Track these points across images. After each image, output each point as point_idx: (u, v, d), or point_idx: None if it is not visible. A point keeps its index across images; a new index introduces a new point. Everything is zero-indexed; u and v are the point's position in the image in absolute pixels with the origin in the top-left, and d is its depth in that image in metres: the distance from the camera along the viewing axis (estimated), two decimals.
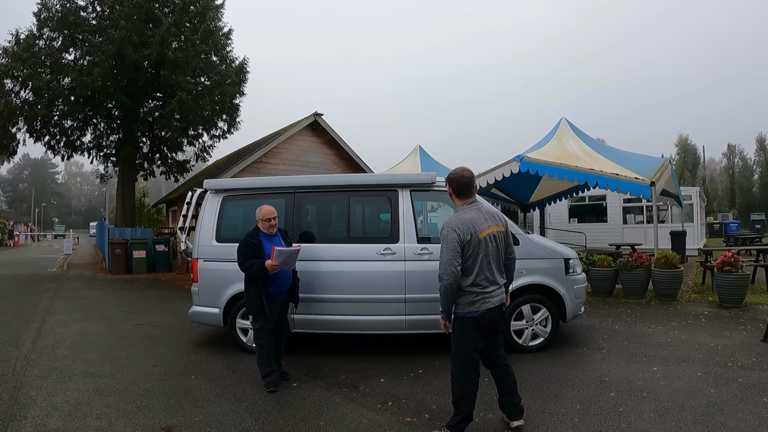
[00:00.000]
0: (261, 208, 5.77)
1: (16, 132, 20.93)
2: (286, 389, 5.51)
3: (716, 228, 34.24)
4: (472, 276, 4.12)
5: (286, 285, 5.78)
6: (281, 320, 5.90)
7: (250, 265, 5.48)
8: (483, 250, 4.14)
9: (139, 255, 19.12)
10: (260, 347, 5.64)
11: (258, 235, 5.68)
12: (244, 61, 22.26)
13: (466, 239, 4.08)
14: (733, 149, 68.52)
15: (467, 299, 4.14)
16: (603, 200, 22.05)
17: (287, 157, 17.92)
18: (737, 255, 9.76)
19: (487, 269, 4.16)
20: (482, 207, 4.32)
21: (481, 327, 4.16)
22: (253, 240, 5.61)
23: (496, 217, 4.34)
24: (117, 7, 18.75)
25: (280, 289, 5.72)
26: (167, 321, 9.48)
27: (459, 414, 4.19)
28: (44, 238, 69.60)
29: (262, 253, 5.54)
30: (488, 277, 4.16)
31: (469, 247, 4.10)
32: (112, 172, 25.29)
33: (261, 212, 5.73)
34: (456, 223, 4.13)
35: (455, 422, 4.19)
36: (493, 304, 4.17)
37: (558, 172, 12.21)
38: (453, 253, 4.05)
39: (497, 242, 4.25)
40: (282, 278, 5.70)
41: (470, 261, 4.11)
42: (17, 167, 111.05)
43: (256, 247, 5.56)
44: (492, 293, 4.17)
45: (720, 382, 5.42)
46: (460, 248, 4.07)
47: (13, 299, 12.42)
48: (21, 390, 5.57)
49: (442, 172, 15.85)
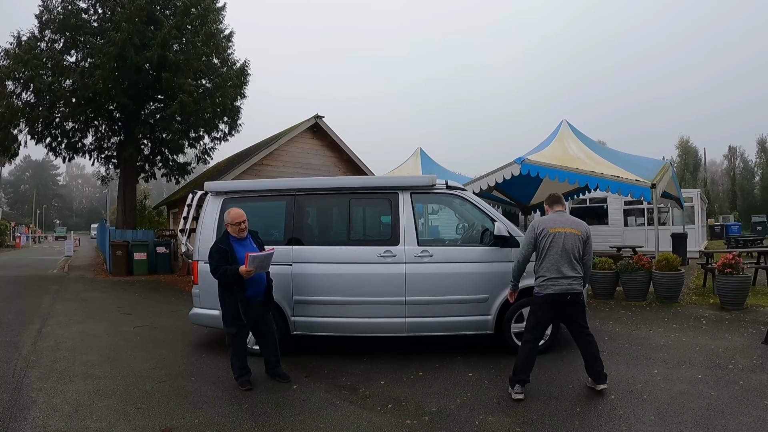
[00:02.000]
0: (229, 212, 5.76)
1: (17, 134, 20.96)
2: (286, 391, 5.51)
3: (717, 230, 34.24)
4: (541, 263, 5.21)
5: (261, 287, 5.76)
6: (263, 321, 5.85)
7: (224, 272, 5.46)
8: (554, 243, 5.18)
9: (140, 257, 19.13)
10: (235, 349, 5.68)
11: (228, 240, 5.65)
12: (245, 64, 22.29)
13: (538, 232, 5.27)
14: (734, 151, 68.53)
15: (537, 282, 5.27)
16: (604, 202, 22.02)
17: (288, 160, 17.94)
18: (738, 257, 9.74)
19: (556, 260, 5.14)
20: (565, 214, 5.49)
21: (544, 307, 5.23)
22: (224, 246, 5.58)
23: (575, 224, 5.37)
24: (118, 9, 18.80)
25: (256, 293, 5.69)
26: (168, 323, 9.48)
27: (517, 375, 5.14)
28: (45, 239, 69.63)
29: (234, 258, 5.51)
30: (556, 267, 5.13)
31: (542, 239, 5.22)
32: (114, 174, 25.35)
33: (230, 216, 5.70)
34: (537, 221, 5.42)
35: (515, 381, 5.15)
36: (555, 290, 5.11)
37: (559, 174, 12.21)
38: (528, 239, 5.36)
39: (570, 241, 5.20)
40: (257, 281, 5.68)
41: (542, 251, 5.22)
42: (19, 169, 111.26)
43: (228, 253, 5.53)
44: (557, 281, 5.12)
45: (721, 384, 5.41)
46: (533, 238, 5.29)
47: (14, 300, 12.43)
48: (21, 391, 5.57)
49: (443, 174, 15.86)
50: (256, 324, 5.79)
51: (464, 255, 6.71)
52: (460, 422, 4.61)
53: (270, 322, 5.96)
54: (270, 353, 5.89)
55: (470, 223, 7.19)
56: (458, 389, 5.49)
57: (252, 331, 5.96)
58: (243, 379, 5.62)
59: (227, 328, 5.65)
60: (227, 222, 5.71)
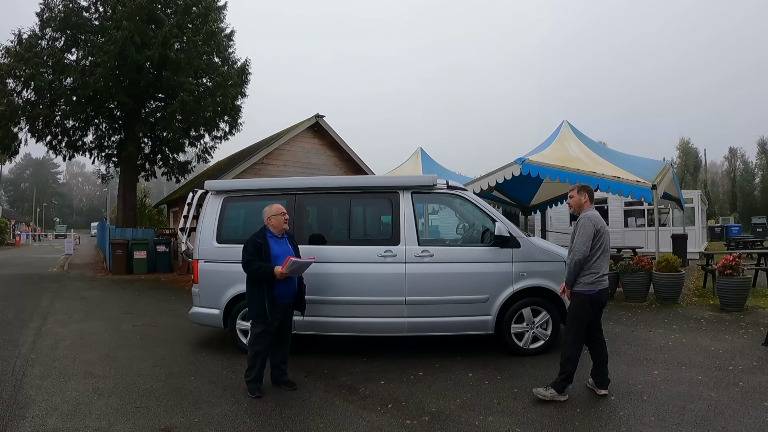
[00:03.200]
0: (272, 206, 5.58)
1: (17, 132, 20.94)
2: (285, 390, 5.50)
3: (717, 231, 34.26)
4: (595, 260, 5.12)
5: (290, 290, 5.60)
6: (284, 327, 5.65)
7: (258, 268, 5.28)
8: (606, 240, 5.20)
9: (140, 255, 19.12)
10: (255, 352, 5.41)
11: (265, 235, 5.50)
12: (246, 63, 22.27)
13: (599, 227, 5.14)
14: (734, 152, 68.63)
15: (588, 279, 5.13)
16: (604, 203, 21.98)
17: (289, 159, 17.93)
18: (738, 258, 9.75)
19: (606, 258, 5.22)
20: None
21: (593, 304, 5.16)
22: (260, 240, 5.42)
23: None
24: (119, 7, 18.78)
25: (284, 293, 5.51)
26: (167, 322, 9.48)
27: (563, 374, 5.05)
28: (45, 237, 69.67)
29: (268, 255, 5.36)
30: (607, 264, 5.24)
31: (601, 236, 5.14)
32: (114, 173, 25.35)
33: (273, 209, 5.54)
34: (593, 217, 5.19)
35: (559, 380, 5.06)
36: (606, 287, 5.21)
37: (559, 175, 12.22)
38: (588, 235, 5.09)
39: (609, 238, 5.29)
40: (287, 283, 5.50)
41: (599, 248, 5.13)
42: (19, 167, 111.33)
43: (263, 248, 5.37)
44: (605, 278, 5.19)
45: (721, 385, 5.41)
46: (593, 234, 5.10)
47: (14, 299, 12.42)
48: (20, 389, 5.57)
49: (443, 174, 15.85)
50: (278, 326, 5.55)
51: (465, 255, 6.71)
52: (460, 423, 4.60)
53: (288, 330, 5.77)
54: (280, 358, 5.67)
55: (471, 223, 7.18)
56: (458, 389, 5.48)
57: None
58: (254, 385, 5.38)
59: (253, 327, 5.46)
60: (269, 215, 5.53)
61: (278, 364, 5.69)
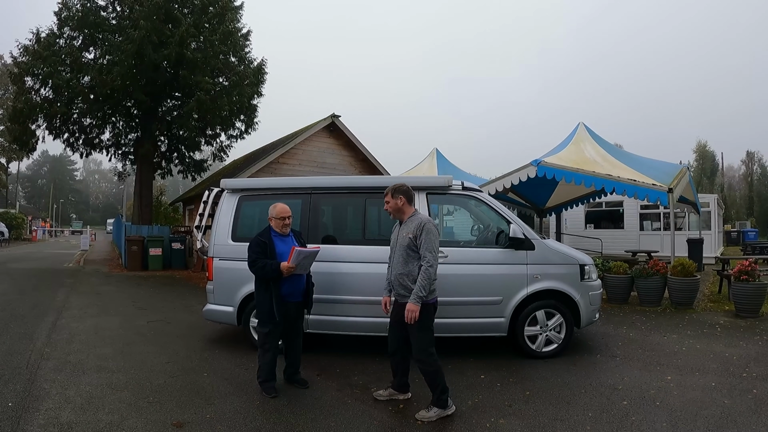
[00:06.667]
0: (275, 206, 5.57)
1: (35, 129, 21.29)
2: (298, 389, 5.51)
3: (734, 236, 33.90)
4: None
5: (299, 288, 5.57)
6: (295, 326, 5.67)
7: (263, 266, 5.29)
8: None
9: (156, 252, 19.29)
10: (265, 351, 5.41)
11: (270, 234, 5.50)
12: (263, 62, 22.45)
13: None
14: (752, 156, 67.81)
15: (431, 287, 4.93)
16: (620, 206, 21.87)
17: (304, 158, 18.00)
18: (755, 264, 9.64)
19: None
20: None
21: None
22: (264, 239, 5.42)
23: None
24: (137, 7, 19.00)
25: (292, 291, 5.48)
26: (182, 318, 9.55)
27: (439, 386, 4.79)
28: (62, 233, 70.41)
29: (273, 253, 5.36)
30: None
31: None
32: (130, 170, 25.62)
33: (275, 210, 5.53)
34: (432, 221, 4.99)
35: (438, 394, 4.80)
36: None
37: (575, 177, 12.15)
38: (436, 244, 4.91)
39: None
40: (295, 281, 5.47)
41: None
42: (36, 163, 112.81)
43: (267, 247, 5.38)
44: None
45: (734, 392, 5.35)
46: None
47: (30, 293, 12.58)
48: (35, 382, 5.64)
49: (459, 175, 15.85)
50: (290, 325, 5.57)
51: (479, 256, 6.68)
52: (471, 424, 4.59)
53: (299, 328, 5.76)
54: (294, 356, 5.68)
55: (485, 225, 7.16)
56: (470, 391, 5.47)
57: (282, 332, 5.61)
58: (268, 385, 5.36)
59: (260, 326, 5.46)
60: (271, 215, 5.54)
61: (291, 363, 5.71)
